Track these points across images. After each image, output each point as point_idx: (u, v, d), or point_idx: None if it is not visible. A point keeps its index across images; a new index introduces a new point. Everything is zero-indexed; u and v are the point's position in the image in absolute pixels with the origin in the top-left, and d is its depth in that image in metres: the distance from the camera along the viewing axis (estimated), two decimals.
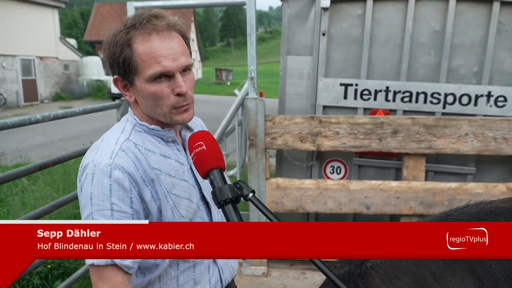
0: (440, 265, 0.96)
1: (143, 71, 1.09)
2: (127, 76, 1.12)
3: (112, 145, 1.11)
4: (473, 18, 3.25)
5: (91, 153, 1.12)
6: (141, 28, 1.09)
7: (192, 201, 1.21)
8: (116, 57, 1.10)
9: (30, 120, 2.29)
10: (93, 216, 1.04)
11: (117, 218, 1.05)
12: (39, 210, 2.52)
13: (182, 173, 1.20)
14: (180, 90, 1.10)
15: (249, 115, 3.29)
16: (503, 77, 3.29)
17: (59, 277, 3.28)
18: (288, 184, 3.33)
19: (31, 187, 5.44)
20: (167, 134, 1.20)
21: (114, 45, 1.10)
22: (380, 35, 3.37)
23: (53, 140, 10.00)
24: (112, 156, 1.08)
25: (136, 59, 1.08)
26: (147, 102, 1.13)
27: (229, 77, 38.71)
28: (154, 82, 1.09)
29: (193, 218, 1.21)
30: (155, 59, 1.08)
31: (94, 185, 1.05)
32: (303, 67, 3.50)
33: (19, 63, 19.24)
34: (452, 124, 3.17)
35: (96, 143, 1.16)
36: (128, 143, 1.12)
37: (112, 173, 1.05)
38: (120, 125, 1.20)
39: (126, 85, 1.16)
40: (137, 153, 1.12)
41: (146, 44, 1.08)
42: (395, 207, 3.23)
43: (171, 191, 1.16)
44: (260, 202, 0.94)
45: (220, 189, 0.96)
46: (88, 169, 1.08)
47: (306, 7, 3.42)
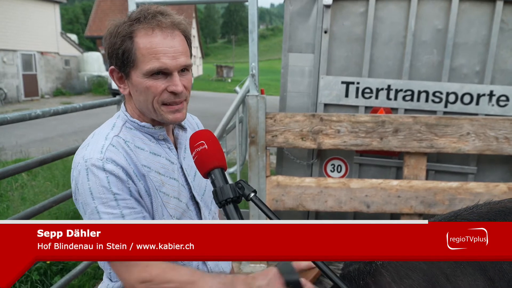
0: (451, 264, 0.95)
1: (141, 65, 1.09)
2: (124, 68, 1.12)
3: (102, 140, 1.11)
4: (476, 17, 3.23)
5: (81, 150, 1.12)
6: (145, 22, 1.09)
7: (181, 201, 1.20)
8: (115, 48, 1.10)
9: (30, 115, 2.28)
10: (98, 209, 1.04)
11: (123, 206, 1.06)
12: (38, 206, 2.52)
13: (172, 172, 1.20)
14: (175, 89, 1.10)
15: (250, 112, 3.28)
16: (505, 76, 3.28)
17: (58, 272, 3.28)
18: (289, 182, 3.33)
19: (30, 183, 5.45)
20: (158, 132, 1.19)
21: (116, 36, 1.10)
22: (383, 33, 3.35)
23: (53, 135, 10.00)
24: (102, 151, 1.08)
25: (136, 53, 1.08)
26: (140, 97, 1.13)
27: (230, 74, 38.71)
28: (150, 77, 1.09)
29: (181, 217, 1.20)
30: (155, 55, 1.08)
31: (91, 180, 1.05)
32: (305, 65, 3.49)
33: (20, 58, 19.23)
34: (453, 123, 3.16)
35: (86, 140, 1.16)
36: (118, 139, 1.13)
37: (105, 166, 1.05)
38: (111, 121, 1.20)
39: (121, 77, 1.16)
40: (127, 149, 1.12)
41: (147, 38, 1.08)
42: (396, 206, 3.23)
43: (160, 189, 1.15)
44: (261, 202, 0.93)
45: (221, 189, 0.95)
46: (80, 166, 1.07)
47: (309, 4, 3.41)
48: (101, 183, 1.04)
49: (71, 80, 22.93)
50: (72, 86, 22.49)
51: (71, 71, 23.29)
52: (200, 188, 1.28)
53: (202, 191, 1.28)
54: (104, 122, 1.22)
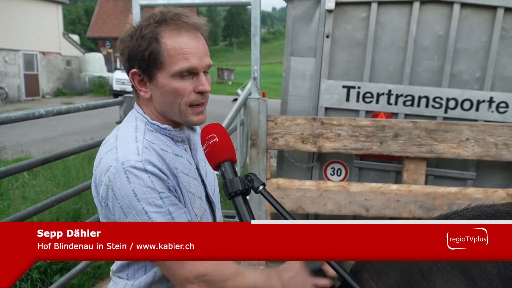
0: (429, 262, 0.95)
1: (169, 66, 1.08)
2: (149, 70, 1.11)
3: (132, 143, 1.10)
4: (477, 24, 3.25)
5: (110, 154, 1.09)
6: (172, 23, 1.09)
7: (202, 200, 1.22)
8: (140, 50, 1.09)
9: (34, 114, 2.29)
10: (146, 209, 1.04)
11: (168, 203, 1.07)
12: (40, 205, 2.53)
13: (194, 172, 1.21)
14: (204, 88, 1.12)
15: (251, 115, 3.29)
16: (505, 83, 3.29)
17: (58, 271, 3.29)
18: (289, 184, 3.34)
19: (31, 182, 5.45)
20: (178, 134, 1.19)
21: (140, 38, 1.09)
22: (384, 39, 3.36)
23: (54, 135, 10.01)
24: (139, 153, 1.07)
25: (164, 54, 1.08)
26: (166, 99, 1.12)
27: (231, 76, 38.66)
28: (178, 78, 1.09)
29: (203, 217, 1.22)
30: (183, 55, 1.08)
31: (132, 181, 1.04)
32: (306, 69, 3.50)
33: (22, 57, 19.26)
34: (453, 129, 3.17)
35: (109, 143, 1.13)
36: (147, 141, 1.12)
37: (146, 167, 1.05)
38: (131, 123, 1.18)
39: (143, 80, 1.14)
40: (157, 150, 1.12)
41: (175, 39, 1.08)
42: (395, 210, 3.23)
43: (188, 189, 1.17)
44: (270, 194, 0.95)
45: (231, 181, 0.96)
46: (114, 169, 1.05)
47: (311, 8, 3.42)
48: (145, 183, 1.04)
49: (72, 80, 22.95)
50: (73, 86, 22.50)
51: (73, 72, 23.32)
52: (211, 187, 1.29)
53: (213, 190, 1.30)
54: (122, 125, 1.20)
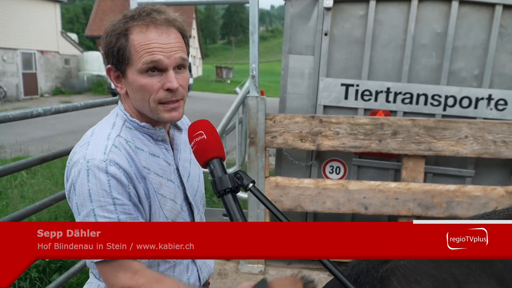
0: (463, 270, 0.91)
1: (136, 61, 1.07)
2: (120, 66, 1.11)
3: (104, 140, 1.09)
4: (475, 21, 3.25)
5: (81, 149, 1.09)
6: (140, 19, 1.08)
7: (176, 202, 1.20)
8: (111, 46, 1.09)
9: (32, 113, 2.28)
10: (95, 212, 1.02)
11: (121, 211, 1.04)
12: (38, 204, 2.52)
13: (170, 173, 1.19)
14: (171, 85, 1.07)
15: (249, 113, 3.29)
16: (503, 80, 3.29)
17: (57, 270, 3.29)
18: (287, 183, 3.34)
19: (30, 181, 5.45)
20: (158, 133, 1.18)
21: (111, 35, 1.09)
22: (382, 36, 3.36)
23: (53, 134, 9.99)
24: (106, 152, 1.06)
25: (130, 50, 1.07)
26: (136, 95, 1.11)
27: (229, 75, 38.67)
28: (145, 74, 1.08)
29: (176, 219, 1.20)
30: (148, 50, 1.06)
31: (91, 181, 1.03)
32: (305, 67, 3.49)
33: (20, 56, 19.20)
34: (452, 127, 3.17)
35: (85, 138, 1.13)
36: (120, 139, 1.11)
37: (108, 168, 1.03)
38: (110, 119, 1.17)
39: (118, 76, 1.14)
40: (128, 149, 1.10)
41: (142, 35, 1.07)
42: (394, 208, 3.24)
43: (158, 191, 1.14)
44: (260, 192, 0.93)
45: (220, 179, 0.94)
46: (80, 165, 1.05)
47: (309, 6, 3.42)
48: (102, 186, 1.02)
49: (70, 79, 22.90)
50: (72, 85, 22.45)
51: (71, 70, 23.26)
52: (193, 189, 1.28)
53: (194, 192, 1.29)
54: (102, 120, 1.20)
